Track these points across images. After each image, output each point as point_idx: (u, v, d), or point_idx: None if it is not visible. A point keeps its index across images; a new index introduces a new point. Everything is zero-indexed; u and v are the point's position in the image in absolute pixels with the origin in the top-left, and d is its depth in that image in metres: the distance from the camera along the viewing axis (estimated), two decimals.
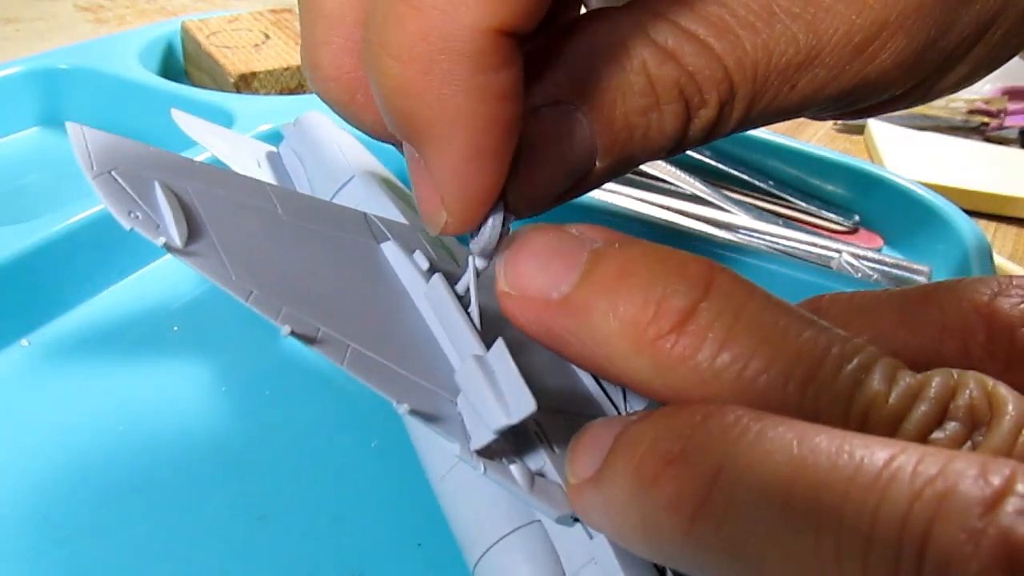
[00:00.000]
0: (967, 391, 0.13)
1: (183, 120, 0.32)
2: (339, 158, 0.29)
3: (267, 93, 0.50)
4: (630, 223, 0.41)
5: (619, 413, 0.20)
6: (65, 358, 0.30)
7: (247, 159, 0.32)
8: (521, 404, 0.14)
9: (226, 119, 0.41)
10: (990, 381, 0.13)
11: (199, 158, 0.29)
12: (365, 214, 0.22)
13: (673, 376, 0.14)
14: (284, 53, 0.53)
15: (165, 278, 0.34)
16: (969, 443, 0.13)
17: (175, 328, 0.32)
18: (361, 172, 0.28)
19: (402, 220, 0.24)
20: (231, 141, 0.33)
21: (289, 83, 0.51)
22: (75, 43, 0.51)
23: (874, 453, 0.11)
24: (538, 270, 0.16)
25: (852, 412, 0.13)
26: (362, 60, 0.15)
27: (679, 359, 0.14)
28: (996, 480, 0.10)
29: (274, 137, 0.35)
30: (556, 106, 0.17)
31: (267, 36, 0.55)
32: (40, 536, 0.23)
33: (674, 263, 0.15)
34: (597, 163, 0.17)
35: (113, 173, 0.16)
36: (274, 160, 0.32)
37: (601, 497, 0.14)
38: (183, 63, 0.56)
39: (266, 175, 0.31)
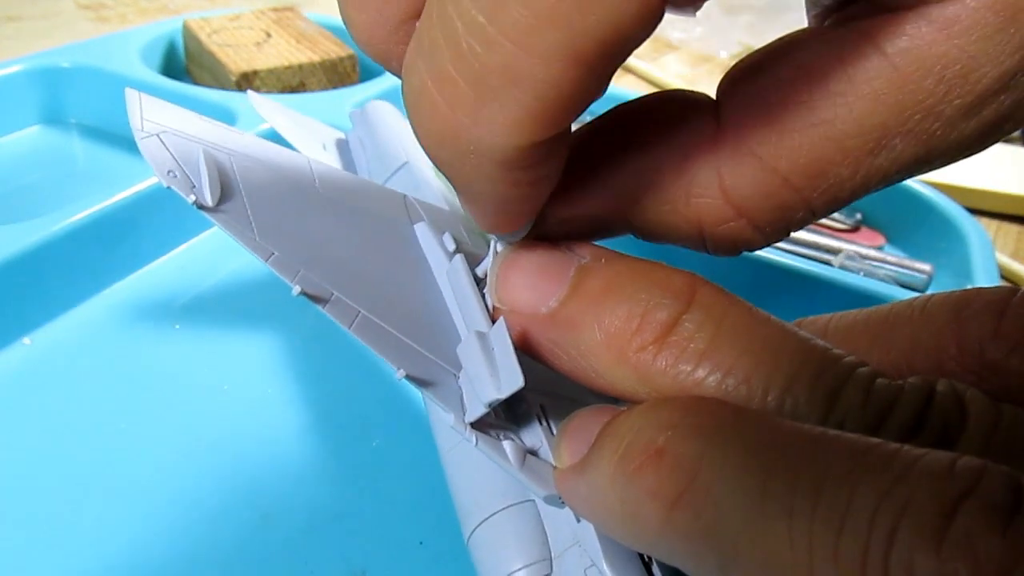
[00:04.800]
0: (940, 397, 0.13)
1: (257, 100, 0.33)
2: (396, 145, 0.30)
3: (269, 91, 0.50)
4: None
5: None
6: (67, 356, 0.30)
7: (314, 143, 0.32)
8: (511, 379, 0.15)
9: (228, 118, 0.41)
10: (962, 387, 0.13)
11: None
12: (404, 196, 0.22)
13: (656, 386, 0.14)
14: (286, 51, 0.53)
15: (167, 277, 0.35)
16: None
17: (176, 326, 0.32)
18: (414, 159, 0.29)
19: (444, 206, 0.24)
20: (302, 125, 0.33)
21: (291, 81, 0.51)
22: (77, 41, 0.51)
23: (849, 448, 0.12)
24: (528, 286, 0.16)
25: (830, 421, 0.13)
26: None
27: (661, 370, 0.14)
28: (964, 478, 0.11)
29: (276, 135, 0.36)
30: (587, 220, 0.17)
31: (269, 35, 0.55)
32: (41, 534, 0.23)
33: (658, 277, 0.15)
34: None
35: (160, 136, 0.17)
36: (341, 146, 0.33)
37: (585, 484, 0.14)
38: (185, 61, 0.56)
39: (331, 159, 0.32)
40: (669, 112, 0.16)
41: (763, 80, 0.15)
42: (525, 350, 0.16)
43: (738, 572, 0.12)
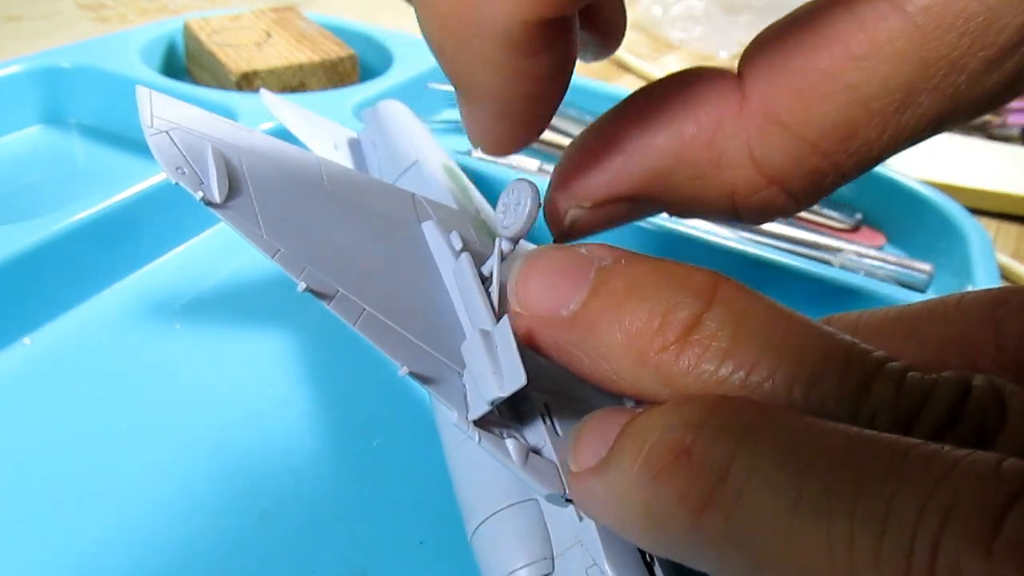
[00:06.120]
0: (977, 392, 0.13)
1: (270, 100, 0.33)
2: (407, 144, 0.30)
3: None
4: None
5: None
6: (67, 357, 0.30)
7: (326, 142, 0.32)
8: (514, 378, 0.15)
9: (228, 117, 0.41)
10: (1000, 382, 0.13)
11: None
12: (413, 195, 0.22)
13: (679, 387, 0.14)
14: (286, 51, 0.53)
15: (167, 277, 0.35)
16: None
17: (176, 326, 0.32)
18: (425, 158, 0.29)
19: (452, 205, 0.24)
20: (315, 124, 0.33)
21: (291, 81, 0.51)
22: (77, 41, 0.51)
23: (888, 448, 0.11)
24: (547, 289, 0.16)
25: (859, 416, 0.13)
26: None
27: (684, 370, 0.14)
28: (1011, 480, 0.10)
29: (276, 135, 0.36)
30: (621, 200, 0.17)
31: (269, 34, 0.55)
32: (41, 533, 0.23)
33: (679, 276, 0.15)
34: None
35: (169, 133, 0.17)
36: (354, 145, 0.33)
37: (604, 486, 0.14)
38: (185, 61, 0.56)
39: (343, 158, 0.32)
40: (692, 89, 0.16)
41: (785, 50, 0.15)
42: (544, 353, 0.16)
43: None
